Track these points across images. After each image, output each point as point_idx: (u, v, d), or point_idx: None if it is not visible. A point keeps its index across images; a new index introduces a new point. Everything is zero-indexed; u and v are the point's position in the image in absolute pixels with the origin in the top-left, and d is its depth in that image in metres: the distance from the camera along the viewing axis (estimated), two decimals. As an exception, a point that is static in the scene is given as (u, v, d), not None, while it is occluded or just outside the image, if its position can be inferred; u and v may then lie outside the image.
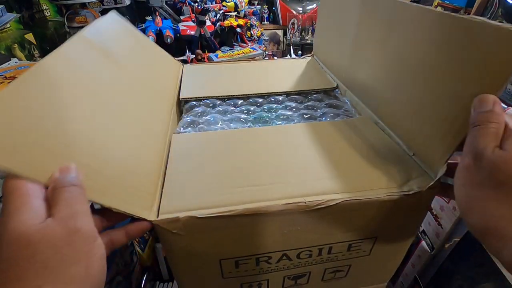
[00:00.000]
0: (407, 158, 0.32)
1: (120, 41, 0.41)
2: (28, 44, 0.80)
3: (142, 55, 0.46)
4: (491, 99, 0.22)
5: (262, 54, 1.10)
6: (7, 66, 0.66)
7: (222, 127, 0.43)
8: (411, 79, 0.32)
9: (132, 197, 0.26)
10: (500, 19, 0.73)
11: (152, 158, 0.32)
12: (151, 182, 0.29)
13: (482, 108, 0.22)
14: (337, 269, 0.36)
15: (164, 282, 0.79)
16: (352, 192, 0.28)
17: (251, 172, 0.31)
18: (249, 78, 0.54)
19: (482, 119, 0.22)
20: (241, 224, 0.27)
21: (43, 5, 0.90)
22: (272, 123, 0.44)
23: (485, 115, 0.22)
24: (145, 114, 0.38)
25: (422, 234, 0.53)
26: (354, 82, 0.45)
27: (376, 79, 0.39)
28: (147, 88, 0.42)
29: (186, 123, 0.43)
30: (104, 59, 0.35)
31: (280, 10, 1.57)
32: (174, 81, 0.51)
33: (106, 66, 0.34)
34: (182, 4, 1.21)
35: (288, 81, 0.53)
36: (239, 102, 0.49)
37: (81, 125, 0.26)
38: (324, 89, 0.51)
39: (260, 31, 1.37)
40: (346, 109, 0.46)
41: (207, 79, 0.54)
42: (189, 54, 1.08)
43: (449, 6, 0.86)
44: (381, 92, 0.38)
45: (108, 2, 1.02)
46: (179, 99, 0.47)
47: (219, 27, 1.20)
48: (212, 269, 0.31)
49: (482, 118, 0.22)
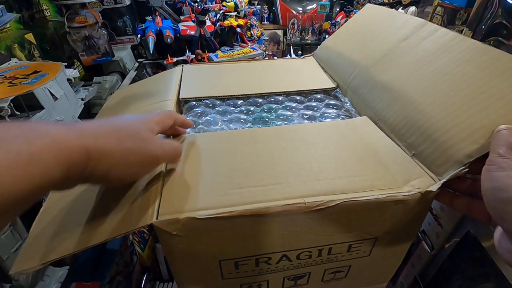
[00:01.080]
0: (407, 158, 0.32)
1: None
2: (28, 44, 0.80)
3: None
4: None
5: (262, 54, 1.10)
6: (7, 66, 0.65)
7: (222, 127, 0.43)
8: (452, 89, 0.32)
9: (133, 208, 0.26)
10: (500, 19, 0.73)
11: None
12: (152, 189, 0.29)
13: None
14: (337, 270, 0.36)
15: (164, 282, 0.79)
16: (352, 193, 0.28)
17: (251, 173, 0.31)
18: (249, 78, 0.54)
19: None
20: (241, 225, 0.27)
21: (43, 5, 0.90)
22: (272, 123, 0.44)
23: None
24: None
25: (422, 234, 0.53)
26: (372, 80, 0.44)
27: (406, 82, 0.38)
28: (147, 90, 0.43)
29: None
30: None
31: (280, 10, 1.57)
32: (173, 83, 0.51)
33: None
34: (182, 4, 1.21)
35: (288, 81, 0.53)
36: (239, 102, 0.49)
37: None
38: (324, 89, 0.51)
39: (260, 31, 1.36)
40: (346, 109, 0.46)
41: (207, 79, 0.54)
42: (189, 54, 1.08)
43: (449, 6, 0.86)
44: (409, 93, 0.37)
45: (108, 2, 1.02)
46: (179, 99, 0.47)
47: (219, 27, 1.20)
48: (211, 270, 0.31)
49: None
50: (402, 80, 0.39)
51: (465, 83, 0.31)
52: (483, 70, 0.30)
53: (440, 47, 0.37)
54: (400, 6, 1.19)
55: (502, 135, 0.25)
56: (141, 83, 0.58)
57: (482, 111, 0.28)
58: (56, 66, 0.65)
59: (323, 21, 1.52)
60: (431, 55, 0.37)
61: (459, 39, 0.35)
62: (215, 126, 0.43)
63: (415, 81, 0.37)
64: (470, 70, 0.32)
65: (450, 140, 0.29)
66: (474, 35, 0.78)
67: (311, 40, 1.55)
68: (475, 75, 0.31)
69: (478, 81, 0.30)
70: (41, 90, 0.58)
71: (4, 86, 0.55)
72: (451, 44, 0.36)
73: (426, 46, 0.39)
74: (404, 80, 0.38)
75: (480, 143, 0.27)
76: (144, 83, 0.58)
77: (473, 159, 0.27)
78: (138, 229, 0.50)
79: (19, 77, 0.59)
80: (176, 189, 0.29)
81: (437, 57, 0.36)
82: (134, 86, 0.58)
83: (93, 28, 0.92)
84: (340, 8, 1.55)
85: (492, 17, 0.75)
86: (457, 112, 0.30)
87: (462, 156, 0.28)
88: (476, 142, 0.27)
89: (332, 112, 0.45)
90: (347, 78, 0.49)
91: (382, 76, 0.42)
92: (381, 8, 0.55)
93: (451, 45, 0.36)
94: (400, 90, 0.38)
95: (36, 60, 0.82)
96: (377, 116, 0.40)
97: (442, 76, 0.34)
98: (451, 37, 0.36)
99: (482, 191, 0.23)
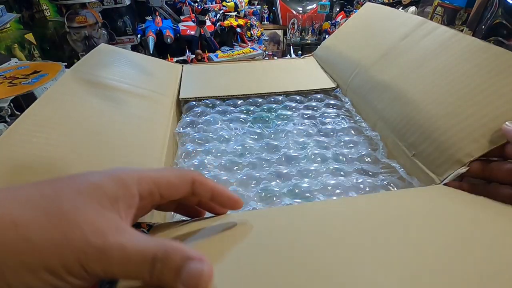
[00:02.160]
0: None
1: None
2: (28, 44, 0.80)
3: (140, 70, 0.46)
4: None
5: (262, 54, 1.10)
6: (7, 66, 0.66)
7: (222, 126, 0.43)
8: (452, 87, 0.32)
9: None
10: (500, 19, 0.73)
11: (151, 164, 0.32)
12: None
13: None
14: None
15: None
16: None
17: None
18: (249, 78, 0.54)
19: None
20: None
21: (43, 5, 0.90)
22: (271, 122, 0.44)
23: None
24: (145, 116, 0.38)
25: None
26: (372, 80, 0.44)
27: (406, 81, 0.38)
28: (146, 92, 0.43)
29: (185, 123, 0.43)
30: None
31: (280, 10, 1.57)
32: (173, 81, 0.51)
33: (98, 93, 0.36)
34: (182, 4, 1.21)
35: (288, 81, 0.53)
36: (239, 102, 0.49)
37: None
38: (324, 89, 0.51)
39: (260, 31, 1.36)
40: (347, 109, 0.46)
41: (206, 79, 0.54)
42: (189, 54, 1.08)
43: (449, 6, 0.86)
44: (409, 92, 0.37)
45: (108, 2, 1.02)
46: (179, 99, 0.47)
47: (219, 27, 1.20)
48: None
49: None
50: (402, 79, 0.38)
51: (465, 82, 0.31)
52: (483, 68, 0.30)
53: (439, 45, 0.37)
54: (400, 6, 1.19)
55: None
56: (139, 55, 0.54)
57: (482, 109, 0.28)
58: (56, 66, 0.65)
59: (323, 21, 1.52)
60: (431, 53, 0.37)
61: (459, 37, 0.35)
62: (215, 125, 0.43)
63: (415, 80, 0.37)
64: (470, 68, 0.32)
65: (450, 139, 0.29)
66: (474, 35, 0.78)
67: (311, 40, 1.55)
68: (475, 73, 0.31)
69: (478, 79, 0.30)
70: (41, 90, 0.58)
71: (4, 86, 0.55)
72: (451, 42, 0.36)
73: (426, 44, 0.39)
74: (404, 79, 0.38)
75: (480, 141, 0.27)
76: (142, 58, 0.53)
77: (473, 158, 0.27)
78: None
79: (19, 77, 0.59)
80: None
81: (437, 55, 0.36)
82: (130, 55, 0.52)
83: (93, 28, 0.93)
84: (340, 8, 1.55)
85: (492, 17, 0.75)
86: (457, 111, 0.30)
87: (462, 155, 0.27)
88: (476, 140, 0.27)
89: (332, 112, 0.45)
90: (347, 78, 0.49)
91: (382, 75, 0.42)
92: (380, 6, 0.55)
93: (450, 43, 0.36)
94: (400, 89, 0.38)
95: (36, 60, 0.82)
96: (377, 116, 0.40)
97: (441, 74, 0.34)
98: (450, 35, 0.36)
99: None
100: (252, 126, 0.43)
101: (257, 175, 0.34)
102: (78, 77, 0.37)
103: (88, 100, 0.35)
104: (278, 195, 0.32)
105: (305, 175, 0.35)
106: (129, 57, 0.49)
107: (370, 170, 0.35)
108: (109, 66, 0.44)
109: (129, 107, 0.38)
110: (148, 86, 0.44)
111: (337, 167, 0.35)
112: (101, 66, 0.43)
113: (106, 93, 0.38)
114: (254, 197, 0.32)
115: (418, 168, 0.31)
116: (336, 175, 0.34)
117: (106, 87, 0.39)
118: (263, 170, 0.36)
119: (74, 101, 0.34)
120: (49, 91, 0.33)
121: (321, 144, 0.39)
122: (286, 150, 0.38)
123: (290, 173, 0.35)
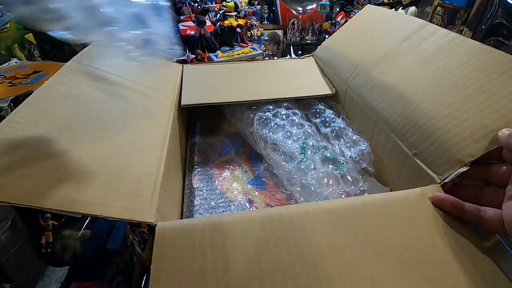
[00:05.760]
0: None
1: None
2: (28, 44, 0.80)
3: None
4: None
5: (262, 54, 1.10)
6: (7, 66, 0.66)
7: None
8: (453, 89, 0.32)
9: (132, 203, 0.26)
10: (500, 19, 0.73)
11: (151, 163, 0.32)
12: (150, 187, 0.29)
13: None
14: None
15: (164, 282, 0.78)
16: None
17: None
18: (250, 82, 0.54)
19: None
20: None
21: (43, 5, 0.90)
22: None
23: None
24: (145, 113, 0.38)
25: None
26: (372, 80, 0.44)
27: (407, 82, 0.38)
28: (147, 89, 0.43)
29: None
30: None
31: (280, 10, 1.57)
32: (173, 83, 0.51)
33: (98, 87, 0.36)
34: (182, 4, 1.21)
35: (288, 86, 0.53)
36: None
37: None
38: (322, 95, 0.52)
39: (260, 31, 1.36)
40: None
41: (207, 83, 0.54)
42: (189, 54, 1.08)
43: (449, 6, 0.86)
44: (410, 93, 0.37)
45: (108, 2, 1.02)
46: (180, 105, 0.47)
47: (219, 27, 1.20)
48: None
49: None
50: (402, 81, 0.38)
51: (465, 83, 0.31)
52: (484, 70, 0.30)
53: (440, 48, 0.37)
54: (400, 6, 1.19)
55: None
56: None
57: (483, 111, 0.28)
58: (56, 66, 0.65)
59: (323, 21, 1.52)
60: (432, 56, 0.37)
61: (460, 40, 0.35)
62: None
63: (415, 81, 0.37)
64: (471, 70, 0.32)
65: (451, 140, 0.29)
66: (474, 35, 0.78)
67: (311, 40, 1.55)
68: (476, 76, 0.31)
69: (479, 82, 0.30)
70: (41, 90, 0.58)
71: (4, 86, 0.55)
72: (452, 45, 0.36)
73: (427, 47, 0.39)
74: (404, 80, 0.38)
75: (481, 142, 0.27)
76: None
77: (474, 159, 0.27)
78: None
79: (19, 77, 0.59)
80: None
81: (438, 58, 0.36)
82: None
83: (93, 28, 0.92)
84: (340, 8, 1.54)
85: (492, 17, 0.75)
86: (458, 112, 0.30)
87: (463, 155, 0.28)
88: (477, 141, 0.27)
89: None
90: (347, 78, 0.49)
91: (382, 76, 0.42)
92: (381, 9, 0.55)
93: (451, 46, 0.36)
94: (400, 90, 0.38)
95: (36, 60, 0.82)
96: (378, 116, 0.40)
97: (442, 76, 0.34)
98: (451, 38, 0.36)
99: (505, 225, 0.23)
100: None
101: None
102: (79, 69, 0.37)
103: (89, 93, 0.35)
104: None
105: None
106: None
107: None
108: (109, 60, 0.43)
109: (129, 103, 0.38)
110: (148, 83, 0.44)
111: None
112: (102, 59, 0.42)
113: (107, 87, 0.37)
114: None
115: (418, 167, 0.31)
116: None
117: (107, 81, 0.38)
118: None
119: (75, 93, 0.34)
120: (49, 81, 0.33)
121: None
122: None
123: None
